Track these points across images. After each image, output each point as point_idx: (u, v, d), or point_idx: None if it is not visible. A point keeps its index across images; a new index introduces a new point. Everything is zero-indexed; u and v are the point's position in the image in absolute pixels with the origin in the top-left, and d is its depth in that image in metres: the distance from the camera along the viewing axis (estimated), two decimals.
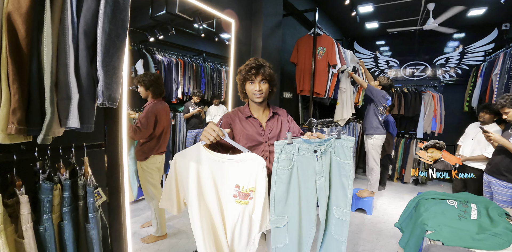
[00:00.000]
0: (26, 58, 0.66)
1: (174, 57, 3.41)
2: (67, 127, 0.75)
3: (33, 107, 0.68)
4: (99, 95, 0.77)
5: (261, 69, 1.25)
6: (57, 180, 0.84)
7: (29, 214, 0.75)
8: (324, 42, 2.80)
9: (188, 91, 3.62)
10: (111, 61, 0.81)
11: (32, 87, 0.69)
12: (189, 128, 3.67)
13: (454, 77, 4.78)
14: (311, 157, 1.13)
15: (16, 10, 0.63)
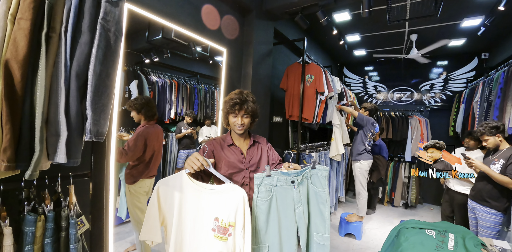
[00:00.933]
0: (20, 100, 0.72)
1: (169, 78, 3.50)
2: (54, 162, 0.79)
3: (23, 145, 0.73)
4: (87, 133, 0.82)
5: (244, 105, 1.32)
6: (41, 211, 0.86)
7: (11, 245, 0.76)
8: (312, 70, 2.94)
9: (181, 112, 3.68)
10: (100, 99, 0.87)
11: (23, 126, 0.74)
12: (180, 148, 3.69)
13: (439, 103, 4.97)
14: (289, 187, 1.20)
15: (14, 58, 0.70)
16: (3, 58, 0.68)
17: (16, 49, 0.69)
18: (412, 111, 4.88)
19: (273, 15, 2.93)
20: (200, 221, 1.11)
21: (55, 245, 0.88)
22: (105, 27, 0.84)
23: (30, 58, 0.72)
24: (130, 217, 2.24)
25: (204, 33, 2.33)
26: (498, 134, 2.25)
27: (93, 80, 0.83)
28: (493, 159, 2.29)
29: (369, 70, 5.62)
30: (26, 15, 0.69)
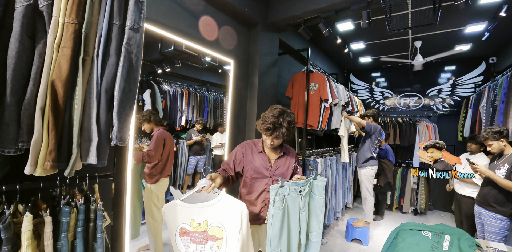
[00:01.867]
0: (62, 112, 0.88)
1: (180, 87, 3.71)
2: (87, 162, 0.95)
3: (63, 148, 0.89)
4: (114, 138, 0.98)
5: (276, 131, 1.39)
6: (73, 204, 1.02)
7: (50, 232, 0.92)
8: (317, 78, 3.07)
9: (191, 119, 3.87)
10: (124, 110, 1.03)
11: (64, 133, 0.90)
12: (191, 154, 3.85)
13: (447, 108, 4.97)
14: (297, 196, 1.36)
15: (58, 78, 0.87)
16: (50, 79, 0.85)
17: (60, 71, 0.86)
18: (419, 117, 4.89)
19: (278, 27, 3.10)
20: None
21: (84, 233, 1.03)
22: (129, 50, 1.01)
23: (70, 78, 0.89)
24: (145, 217, 2.39)
25: (213, 47, 2.52)
26: (502, 139, 2.29)
27: (118, 94, 0.99)
28: (498, 164, 2.31)
29: (376, 77, 5.68)
30: (68, 44, 0.87)
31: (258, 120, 1.48)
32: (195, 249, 1.23)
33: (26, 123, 0.83)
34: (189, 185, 4.01)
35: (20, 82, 0.81)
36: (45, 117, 0.84)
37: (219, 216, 1.21)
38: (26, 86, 0.82)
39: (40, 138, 0.83)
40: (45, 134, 0.84)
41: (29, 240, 0.87)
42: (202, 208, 1.22)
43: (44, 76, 0.84)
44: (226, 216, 1.21)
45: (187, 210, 1.22)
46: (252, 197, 1.52)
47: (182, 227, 1.23)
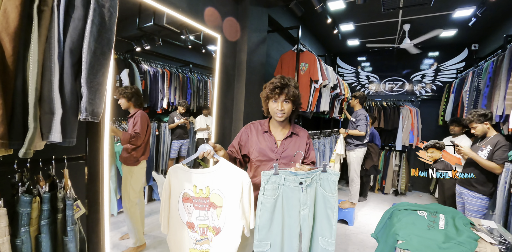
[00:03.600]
0: (12, 75, 0.69)
1: (161, 67, 3.44)
2: (49, 141, 0.77)
3: (16, 122, 0.71)
4: (82, 111, 0.80)
5: (285, 89, 1.26)
6: (36, 192, 0.84)
7: (6, 227, 0.75)
8: (307, 58, 2.93)
9: (173, 102, 3.63)
10: (95, 78, 0.85)
11: (16, 103, 0.71)
12: (173, 138, 3.66)
13: (429, 93, 5.06)
14: (297, 188, 1.18)
15: (4, 30, 0.67)
16: None
17: (6, 21, 0.66)
18: (403, 101, 4.95)
19: (267, 1, 2.88)
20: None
21: (51, 227, 0.87)
22: (99, 2, 0.80)
23: (21, 31, 0.69)
24: (123, 202, 2.26)
25: (198, 19, 2.28)
26: (486, 122, 2.31)
27: (87, 57, 0.80)
28: (480, 146, 2.36)
29: (362, 61, 5.64)
30: None
31: (260, 94, 1.36)
32: (198, 215, 1.18)
33: None
34: None
35: None
36: None
37: (219, 183, 1.16)
38: None
39: None
40: None
41: None
42: (204, 173, 1.18)
43: None
44: (226, 184, 1.16)
45: (189, 175, 1.18)
46: (257, 180, 1.36)
47: (185, 192, 1.18)
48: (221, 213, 1.17)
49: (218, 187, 1.16)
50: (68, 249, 0.87)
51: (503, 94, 2.45)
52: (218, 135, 2.65)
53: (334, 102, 3.97)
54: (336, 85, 3.53)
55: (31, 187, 0.86)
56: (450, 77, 4.90)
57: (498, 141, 2.24)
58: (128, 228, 2.25)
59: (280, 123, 1.37)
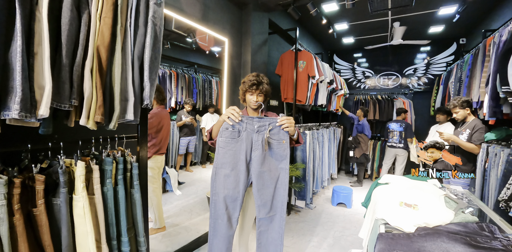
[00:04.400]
0: (105, 74, 1.04)
1: (168, 68, 3.78)
2: (125, 119, 1.13)
3: (106, 106, 1.06)
4: (146, 99, 1.16)
5: (260, 86, 1.61)
6: (112, 157, 1.19)
7: (98, 178, 1.10)
8: (304, 56, 3.27)
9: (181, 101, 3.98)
10: (151, 75, 1.20)
11: (106, 94, 1.07)
12: (181, 135, 4.01)
13: (421, 86, 5.38)
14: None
15: (102, 44, 1.02)
16: (95, 45, 1.00)
17: (103, 38, 1.01)
18: (397, 94, 5.28)
19: (268, 7, 3.22)
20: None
21: (124, 181, 1.22)
22: (154, 22, 1.16)
23: (110, 45, 1.04)
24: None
25: (209, 24, 2.62)
26: (467, 107, 2.64)
27: (148, 61, 1.16)
28: (461, 130, 2.69)
29: (358, 57, 5.97)
30: (108, 15, 1.01)
31: (240, 87, 1.69)
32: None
33: (76, 83, 0.98)
34: (181, 165, 4.20)
35: (71, 46, 0.96)
36: (93, 77, 1.00)
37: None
38: (76, 50, 0.97)
39: (90, 94, 0.99)
40: (94, 92, 1.00)
41: (84, 183, 1.05)
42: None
43: (90, 42, 0.99)
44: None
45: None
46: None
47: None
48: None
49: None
50: (135, 198, 1.23)
51: (478, 83, 2.78)
52: None
53: (331, 96, 4.31)
54: (332, 80, 3.87)
55: (108, 154, 1.21)
56: (440, 70, 5.22)
57: (476, 125, 2.57)
58: (150, 212, 2.52)
59: (255, 110, 1.71)
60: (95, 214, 1.05)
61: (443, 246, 1.00)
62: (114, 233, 1.11)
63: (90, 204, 1.03)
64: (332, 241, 2.68)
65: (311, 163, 3.38)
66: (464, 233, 1.11)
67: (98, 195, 1.08)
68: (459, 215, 1.31)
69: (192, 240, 2.45)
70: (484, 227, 1.18)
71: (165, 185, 3.70)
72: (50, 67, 0.90)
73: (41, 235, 0.93)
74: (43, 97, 0.87)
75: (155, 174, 2.55)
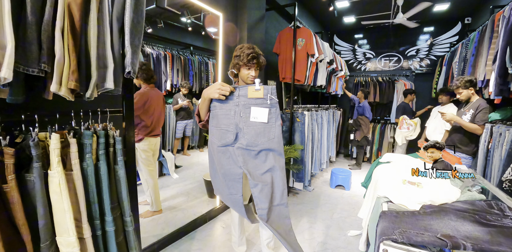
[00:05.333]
0: (79, 35, 0.92)
1: (162, 50, 3.61)
2: (105, 88, 1.02)
3: (82, 72, 0.95)
4: (127, 66, 1.04)
5: (260, 59, 1.48)
6: (93, 131, 1.09)
7: (76, 152, 1.01)
8: (303, 34, 3.11)
9: (176, 84, 3.84)
10: (134, 41, 1.08)
11: (81, 58, 0.95)
12: (178, 119, 3.90)
13: (423, 67, 5.23)
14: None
15: (73, 1, 0.89)
16: (66, 1, 0.87)
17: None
18: (398, 76, 5.13)
19: None
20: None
21: (106, 157, 1.13)
22: None
23: (84, 2, 0.91)
24: (139, 175, 2.48)
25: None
26: (471, 87, 2.54)
27: (128, 24, 1.03)
28: (464, 110, 2.60)
29: (359, 38, 5.76)
30: None
31: (232, 61, 1.55)
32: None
33: (46, 45, 0.86)
34: (179, 149, 4.13)
35: (38, 2, 0.83)
36: (65, 39, 0.88)
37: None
38: (44, 7, 0.84)
39: (62, 57, 0.87)
40: (66, 55, 0.88)
41: (59, 157, 0.96)
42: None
43: None
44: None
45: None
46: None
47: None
48: None
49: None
50: (119, 175, 1.14)
51: (485, 61, 2.65)
52: None
53: (331, 78, 4.18)
54: (332, 60, 3.72)
55: (89, 127, 1.11)
56: (443, 51, 5.05)
57: (480, 104, 2.48)
58: (146, 195, 2.50)
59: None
60: (74, 192, 0.97)
61: (451, 224, 0.93)
62: (96, 212, 1.03)
63: (67, 180, 0.95)
64: (330, 223, 2.66)
65: (309, 144, 3.31)
66: (472, 211, 1.05)
67: (76, 171, 0.99)
68: (466, 193, 1.24)
69: (189, 222, 2.42)
70: (493, 205, 1.11)
71: (162, 168, 3.65)
72: (11, 24, 0.78)
73: (14, 213, 0.85)
74: (5, 58, 0.76)
75: (149, 156, 2.47)
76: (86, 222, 0.98)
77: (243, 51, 1.47)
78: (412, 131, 4.18)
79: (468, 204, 1.14)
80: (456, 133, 2.66)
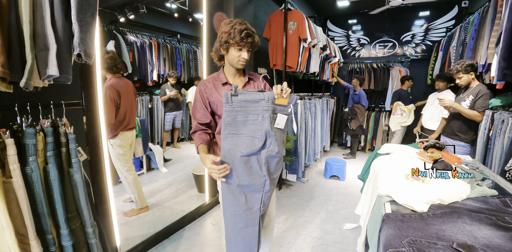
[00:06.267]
0: (5, 9, 0.72)
1: (147, 38, 3.36)
2: (48, 75, 0.83)
3: (14, 54, 0.75)
4: (76, 47, 0.85)
5: (255, 38, 1.22)
6: (39, 128, 0.91)
7: (15, 155, 0.82)
8: (295, 17, 2.89)
9: (164, 74, 3.60)
10: (84, 17, 0.88)
11: (12, 37, 0.75)
12: (166, 110, 3.70)
13: (419, 53, 5.07)
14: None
15: None
16: None
17: None
18: (393, 62, 4.97)
19: None
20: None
21: (57, 159, 0.95)
22: None
23: None
24: (118, 174, 2.31)
25: None
26: (471, 72, 2.40)
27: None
28: (463, 96, 2.47)
29: (353, 24, 5.53)
30: None
31: (218, 40, 1.27)
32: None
33: None
34: (168, 141, 3.95)
35: None
36: None
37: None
38: None
39: None
40: None
41: None
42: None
43: None
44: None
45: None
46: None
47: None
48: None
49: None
50: (75, 179, 0.97)
51: (487, 44, 2.50)
52: None
53: (325, 64, 3.99)
54: (325, 46, 3.52)
55: (33, 123, 0.92)
56: (439, 36, 4.88)
57: (480, 90, 2.35)
58: (129, 193, 2.34)
59: (237, 70, 1.34)
60: (16, 203, 0.79)
61: (466, 228, 0.79)
62: (48, 225, 0.87)
63: (6, 190, 0.77)
64: (325, 216, 2.56)
65: (302, 134, 3.16)
66: (488, 211, 0.91)
67: (17, 178, 0.82)
68: (475, 188, 1.11)
69: (177, 220, 2.29)
70: (508, 203, 0.97)
71: (150, 162, 3.48)
72: None
73: None
74: None
75: (126, 151, 2.30)
76: (34, 238, 0.82)
77: (234, 27, 1.18)
78: (406, 117, 4.08)
79: (481, 201, 1.00)
80: (455, 120, 2.54)
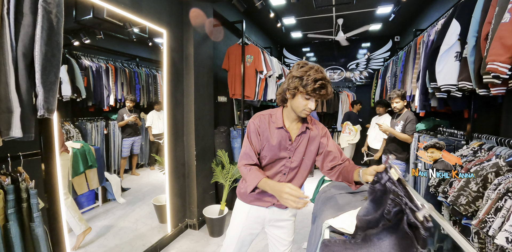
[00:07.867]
0: None
1: (104, 62, 3.30)
2: (10, 136, 0.86)
3: None
4: (40, 108, 0.90)
5: (327, 89, 1.10)
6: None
7: None
8: (252, 51, 3.14)
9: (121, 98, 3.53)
10: (48, 78, 0.94)
11: None
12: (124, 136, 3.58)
13: (363, 79, 5.72)
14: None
15: None
16: None
17: None
18: (342, 87, 5.52)
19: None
20: None
21: (18, 215, 0.95)
22: (47, 9, 0.89)
23: None
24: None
25: (142, 13, 2.30)
26: (404, 99, 2.85)
27: (40, 59, 0.89)
28: (396, 121, 2.90)
29: (306, 51, 6.07)
30: None
31: (286, 82, 1.17)
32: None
33: None
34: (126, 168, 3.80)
35: None
36: None
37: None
38: None
39: None
40: None
41: None
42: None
43: None
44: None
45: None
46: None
47: None
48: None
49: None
50: (36, 233, 0.97)
51: (410, 78, 2.99)
52: (170, 128, 2.74)
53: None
54: (281, 75, 3.83)
55: None
56: (378, 65, 5.59)
57: (408, 116, 2.79)
58: (68, 217, 2.20)
59: (300, 118, 1.23)
60: None
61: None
62: None
63: None
64: None
65: None
66: None
67: None
68: None
69: None
70: None
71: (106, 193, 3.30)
72: None
73: None
74: None
75: (66, 173, 2.21)
76: None
77: (309, 75, 1.08)
78: (353, 136, 4.55)
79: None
80: (391, 142, 2.94)
